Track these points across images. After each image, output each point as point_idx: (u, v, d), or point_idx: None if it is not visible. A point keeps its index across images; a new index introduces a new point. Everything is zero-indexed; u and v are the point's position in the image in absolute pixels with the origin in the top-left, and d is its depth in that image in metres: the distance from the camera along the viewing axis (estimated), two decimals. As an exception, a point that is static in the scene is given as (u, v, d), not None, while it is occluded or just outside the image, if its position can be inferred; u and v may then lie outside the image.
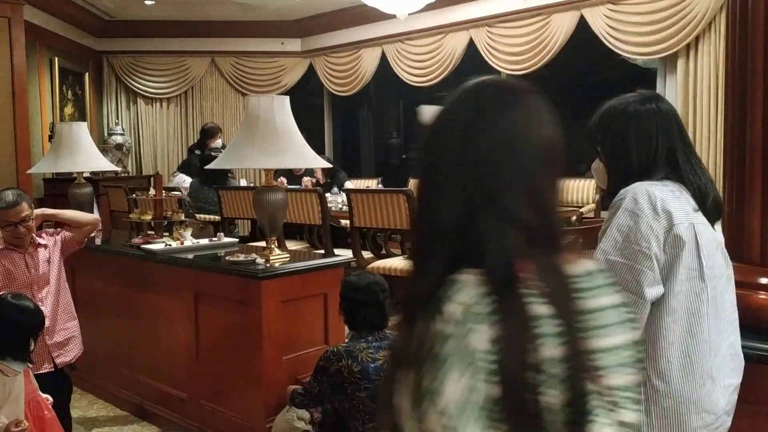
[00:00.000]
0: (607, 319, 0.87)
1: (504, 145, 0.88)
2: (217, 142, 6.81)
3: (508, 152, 0.87)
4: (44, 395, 2.51)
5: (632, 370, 0.88)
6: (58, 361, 2.91)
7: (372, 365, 2.58)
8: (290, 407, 3.08)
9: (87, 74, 8.34)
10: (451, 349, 0.79)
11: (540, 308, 0.81)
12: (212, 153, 6.28)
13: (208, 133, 7.00)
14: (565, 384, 0.80)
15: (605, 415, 0.83)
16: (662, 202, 1.57)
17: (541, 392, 0.80)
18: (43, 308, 2.84)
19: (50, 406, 2.46)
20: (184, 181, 6.64)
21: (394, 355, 0.94)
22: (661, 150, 1.66)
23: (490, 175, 0.86)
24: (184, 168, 6.93)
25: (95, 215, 3.31)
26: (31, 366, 2.38)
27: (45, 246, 2.95)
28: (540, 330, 0.80)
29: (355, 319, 2.70)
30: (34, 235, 2.90)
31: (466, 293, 0.81)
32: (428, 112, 1.11)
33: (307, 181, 6.68)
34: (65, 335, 2.97)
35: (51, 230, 3.06)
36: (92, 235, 4.13)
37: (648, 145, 1.66)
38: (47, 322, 2.86)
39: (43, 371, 2.84)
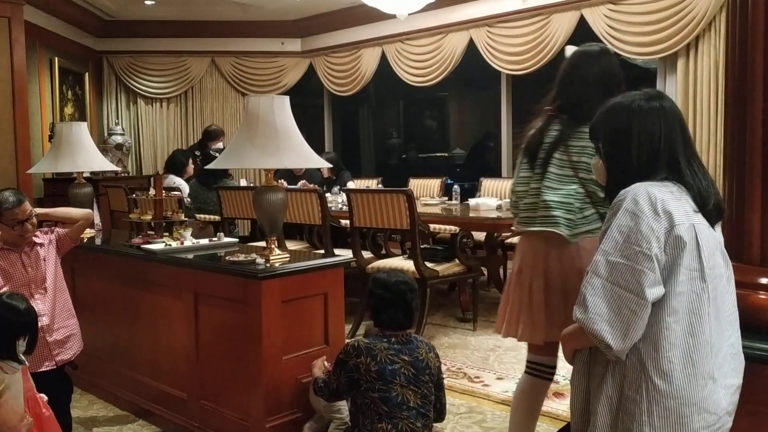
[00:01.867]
0: None
1: None
2: (218, 145, 6.80)
3: None
4: (39, 394, 2.52)
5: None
6: (57, 359, 2.92)
7: (390, 367, 2.56)
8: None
9: (87, 74, 8.34)
10: None
11: None
12: (211, 153, 6.28)
13: (211, 135, 6.99)
14: None
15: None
16: (662, 203, 1.56)
17: None
18: (41, 306, 2.85)
19: (47, 405, 2.47)
20: (174, 182, 6.63)
21: None
22: (663, 150, 1.65)
23: None
24: (171, 168, 6.90)
25: (86, 209, 3.30)
26: (27, 365, 2.38)
27: (41, 245, 2.96)
28: None
29: (380, 316, 2.70)
30: None
31: None
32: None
33: (302, 183, 6.66)
34: (64, 333, 2.97)
35: (45, 228, 3.07)
36: (92, 234, 4.14)
37: (650, 144, 1.65)
38: (46, 321, 2.87)
39: (43, 369, 2.84)
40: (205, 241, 3.65)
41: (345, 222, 5.08)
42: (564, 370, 3.92)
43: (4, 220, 2.78)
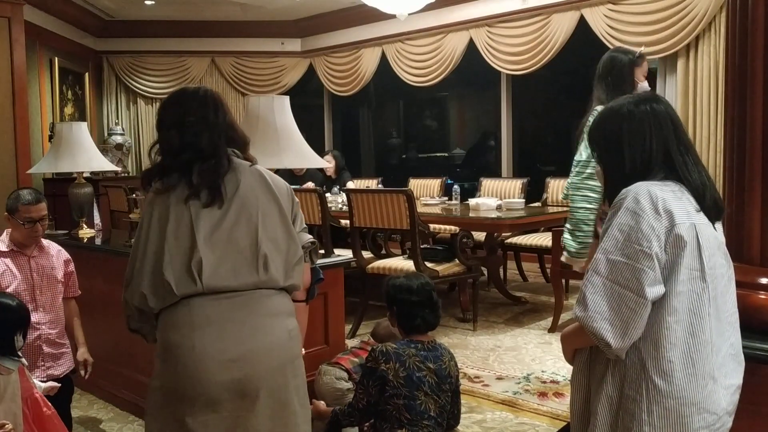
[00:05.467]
0: None
1: None
2: None
3: None
4: (47, 384, 2.55)
5: None
6: (48, 372, 2.88)
7: (416, 374, 2.53)
8: (321, 373, 3.09)
9: (87, 74, 8.34)
10: None
11: None
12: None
13: None
14: None
15: None
16: (663, 202, 1.57)
17: None
18: (41, 315, 2.84)
19: (49, 403, 2.47)
20: None
21: None
22: (655, 152, 1.65)
23: None
24: None
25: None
26: (26, 364, 2.37)
27: (50, 254, 2.96)
28: None
29: (413, 321, 2.64)
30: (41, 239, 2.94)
31: None
32: None
33: (308, 184, 6.66)
34: (59, 348, 2.95)
35: (66, 255, 3.06)
36: (92, 234, 4.15)
37: (641, 147, 1.66)
38: (45, 329, 2.86)
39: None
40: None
41: (345, 222, 5.08)
42: (564, 369, 3.92)
43: (17, 216, 2.79)
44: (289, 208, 2.00)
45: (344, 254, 4.47)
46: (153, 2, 7.80)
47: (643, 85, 3.33)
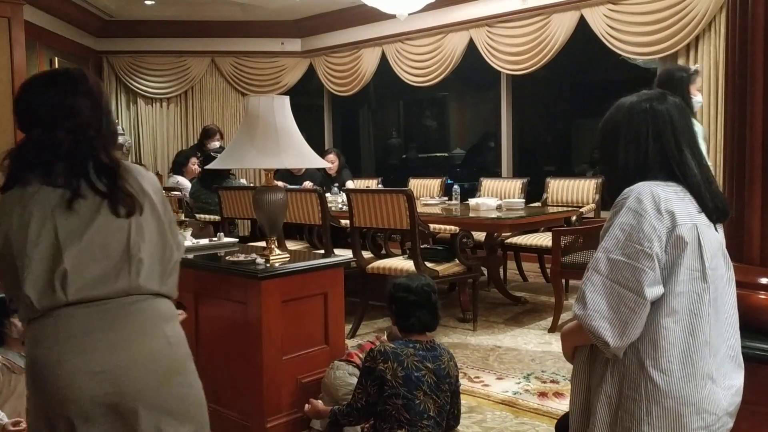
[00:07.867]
0: None
1: None
2: (214, 144, 6.80)
3: None
4: None
5: None
6: None
7: (415, 374, 2.54)
8: (334, 368, 3.09)
9: (87, 74, 8.33)
10: None
11: None
12: (212, 153, 6.28)
13: (207, 133, 7.01)
14: None
15: None
16: (666, 203, 1.56)
17: None
18: None
19: None
20: (178, 182, 6.64)
21: None
22: (652, 152, 1.65)
23: None
24: (174, 168, 6.94)
25: None
26: None
27: None
28: None
29: (408, 320, 2.66)
30: None
31: None
32: None
33: (306, 183, 6.66)
34: None
35: None
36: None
37: (636, 146, 1.66)
38: None
39: None
40: (205, 241, 3.65)
41: (345, 222, 5.08)
42: (564, 369, 3.92)
43: None
44: (163, 209, 1.79)
45: (344, 254, 4.47)
46: (153, 2, 7.80)
47: (697, 99, 3.75)
